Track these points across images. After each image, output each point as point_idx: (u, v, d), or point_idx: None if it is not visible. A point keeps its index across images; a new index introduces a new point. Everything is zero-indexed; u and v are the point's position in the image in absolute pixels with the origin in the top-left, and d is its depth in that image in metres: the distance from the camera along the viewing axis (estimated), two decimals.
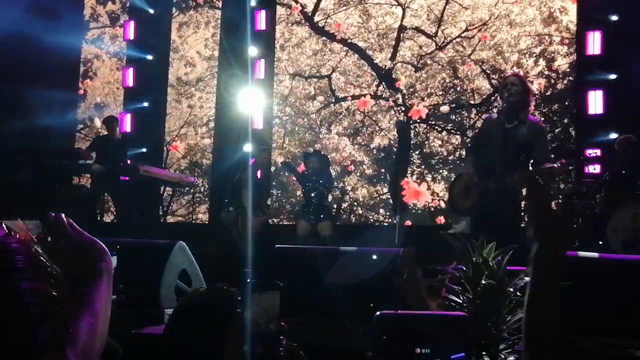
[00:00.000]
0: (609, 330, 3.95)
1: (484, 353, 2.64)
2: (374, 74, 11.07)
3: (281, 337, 1.48)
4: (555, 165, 5.02)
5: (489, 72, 10.58)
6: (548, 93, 10.24)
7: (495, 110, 9.77)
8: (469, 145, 6.37)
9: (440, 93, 10.77)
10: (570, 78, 10.00)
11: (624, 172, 6.88)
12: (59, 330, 1.06)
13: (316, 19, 11.37)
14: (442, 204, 10.16)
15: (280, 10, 11.39)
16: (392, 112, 10.86)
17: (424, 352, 0.93)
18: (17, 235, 1.14)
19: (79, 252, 1.30)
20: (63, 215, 1.33)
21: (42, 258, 1.11)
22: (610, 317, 3.98)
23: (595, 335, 3.97)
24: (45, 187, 8.12)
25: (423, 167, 10.62)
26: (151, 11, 10.84)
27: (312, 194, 7.72)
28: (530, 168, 5.27)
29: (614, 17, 8.29)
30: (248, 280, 1.45)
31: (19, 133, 8.96)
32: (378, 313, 0.93)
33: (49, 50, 9.89)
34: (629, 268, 4.22)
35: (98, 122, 11.30)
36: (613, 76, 8.23)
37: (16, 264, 1.07)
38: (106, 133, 9.16)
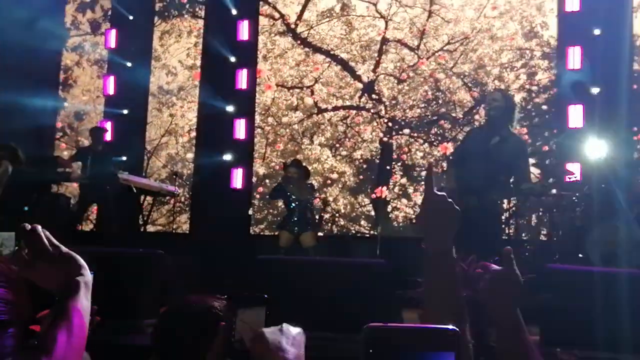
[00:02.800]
0: (589, 341, 3.97)
1: None
2: (357, 85, 11.11)
3: None
4: (536, 184, 5.08)
5: (470, 85, 10.67)
6: (529, 107, 10.33)
7: (477, 123, 9.86)
8: (452, 156, 6.38)
9: (423, 105, 10.83)
10: (551, 92, 10.11)
11: (603, 185, 6.94)
12: (20, 337, 1.06)
13: (299, 29, 11.40)
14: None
15: (263, 21, 11.40)
16: (375, 124, 10.89)
17: None
18: None
19: (57, 266, 1.28)
20: (39, 227, 1.31)
21: (3, 264, 1.10)
22: (591, 328, 3.99)
23: (575, 347, 3.98)
24: (23, 195, 8.00)
25: (405, 178, 10.65)
26: (130, 17, 10.79)
27: (294, 205, 7.70)
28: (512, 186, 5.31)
29: (596, 32, 8.39)
30: (232, 294, 1.43)
31: None
32: (366, 326, 0.92)
33: (28, 56, 9.79)
34: (609, 281, 4.24)
35: None
36: (593, 90, 8.32)
37: None
38: (89, 144, 9.08)
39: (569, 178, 7.38)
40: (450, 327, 1.02)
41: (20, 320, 1.07)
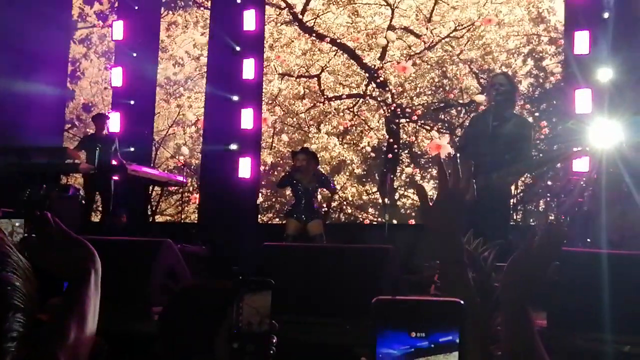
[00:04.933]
0: (597, 325, 3.96)
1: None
2: (364, 73, 11.08)
3: (272, 336, 1.46)
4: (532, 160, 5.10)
5: (477, 72, 10.61)
6: (536, 93, 10.28)
7: (482, 108, 9.81)
8: (457, 144, 6.40)
9: (430, 92, 10.79)
10: (559, 77, 10.04)
11: (611, 169, 6.91)
12: (26, 323, 1.06)
13: (305, 18, 11.37)
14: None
15: (269, 10, 11.38)
16: (382, 112, 10.87)
17: (419, 335, 0.95)
18: None
19: (67, 253, 1.29)
20: (49, 214, 1.32)
21: (12, 249, 1.10)
22: (599, 312, 3.98)
23: (584, 330, 3.98)
24: (33, 187, 8.05)
25: (412, 166, 10.63)
26: (136, 7, 10.81)
27: (302, 193, 7.69)
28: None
29: (605, 15, 8.31)
30: (240, 278, 1.43)
31: (4, 132, 8.90)
32: (376, 298, 0.94)
33: (36, 49, 9.83)
34: (617, 263, 4.22)
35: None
36: (601, 75, 8.25)
37: (2, 252, 1.06)
38: (93, 132, 9.09)
39: (576, 169, 7.37)
40: (456, 300, 1.04)
41: (27, 306, 1.07)
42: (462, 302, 1.03)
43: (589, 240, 6.56)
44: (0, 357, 1.00)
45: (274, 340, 1.47)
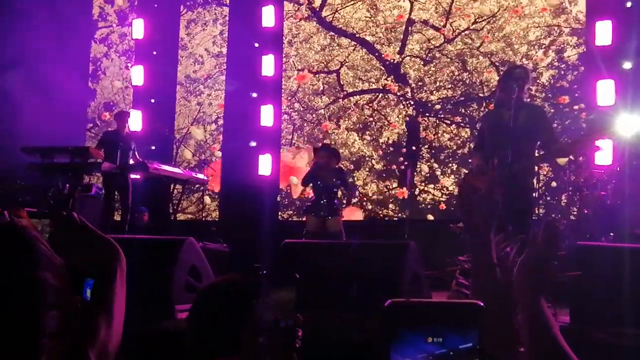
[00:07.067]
0: (620, 319, 3.92)
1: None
2: (383, 68, 11.04)
3: (297, 329, 1.47)
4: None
5: (497, 64, 10.52)
6: (558, 84, 10.16)
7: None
8: (475, 144, 6.34)
9: (449, 86, 10.72)
10: (581, 69, 9.92)
11: (634, 162, 6.82)
12: (62, 321, 1.07)
13: (324, 14, 11.35)
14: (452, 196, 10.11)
15: (288, 6, 11.38)
16: (401, 106, 10.82)
17: (436, 340, 0.90)
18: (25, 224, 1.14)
19: (94, 252, 1.30)
20: (75, 214, 1.33)
21: (47, 248, 1.11)
22: (622, 306, 3.94)
23: (606, 325, 3.94)
24: (56, 187, 8.12)
25: (432, 161, 10.58)
26: (155, 5, 10.87)
27: (322, 190, 7.68)
28: (542, 152, 5.25)
29: (628, 4, 8.16)
30: (264, 272, 1.45)
31: (27, 132, 8.99)
32: (389, 301, 0.91)
33: (58, 49, 9.92)
34: None
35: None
36: (625, 65, 8.12)
37: (38, 251, 1.08)
38: (113, 129, 9.12)
39: (598, 162, 7.28)
40: (475, 302, 0.99)
41: (62, 304, 1.09)
42: (481, 304, 0.98)
43: (612, 234, 6.48)
44: (37, 353, 1.01)
45: (300, 334, 1.47)
